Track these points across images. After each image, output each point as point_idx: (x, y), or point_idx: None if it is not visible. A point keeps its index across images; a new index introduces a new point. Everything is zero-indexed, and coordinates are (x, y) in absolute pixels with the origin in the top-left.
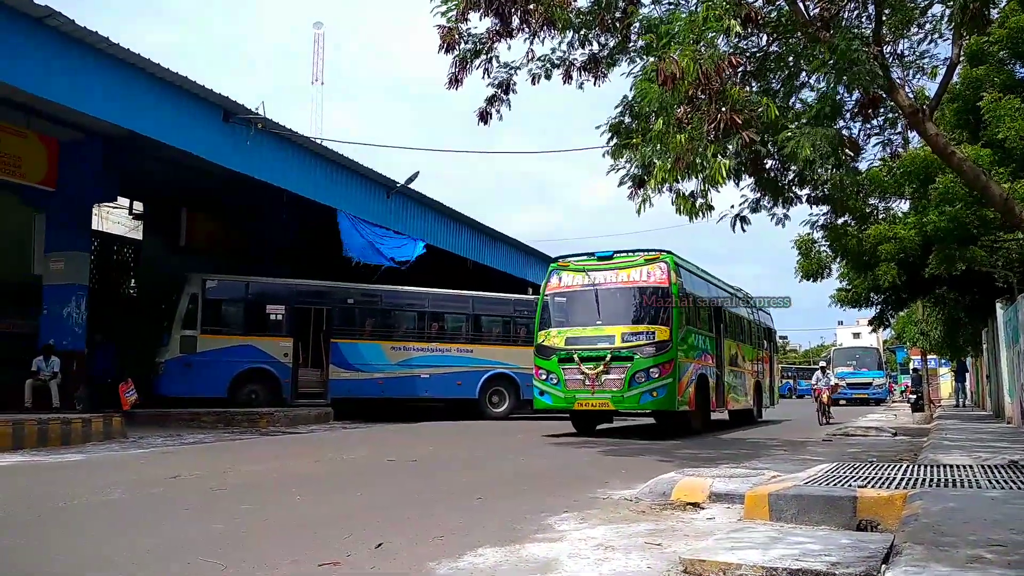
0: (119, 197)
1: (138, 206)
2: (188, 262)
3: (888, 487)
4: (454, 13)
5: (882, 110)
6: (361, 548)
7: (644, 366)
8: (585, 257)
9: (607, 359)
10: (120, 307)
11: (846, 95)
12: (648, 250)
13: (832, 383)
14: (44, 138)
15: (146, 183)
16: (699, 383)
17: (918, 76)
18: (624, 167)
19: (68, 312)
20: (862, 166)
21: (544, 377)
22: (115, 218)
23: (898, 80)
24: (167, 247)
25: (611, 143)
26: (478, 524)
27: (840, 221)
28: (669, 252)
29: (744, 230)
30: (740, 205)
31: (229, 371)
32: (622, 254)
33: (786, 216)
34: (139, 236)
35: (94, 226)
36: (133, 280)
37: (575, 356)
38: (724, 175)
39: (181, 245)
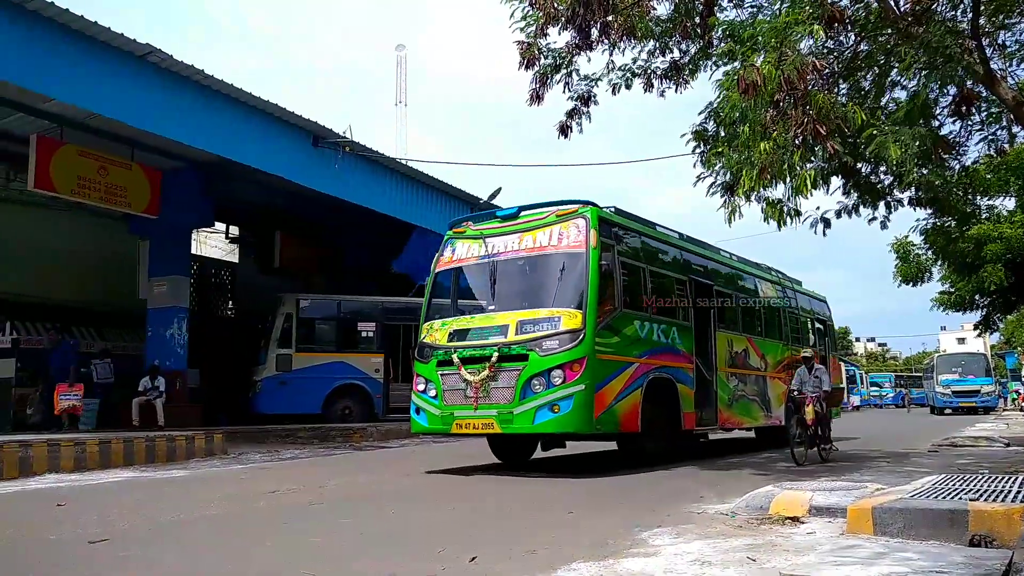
0: (215, 222)
1: (233, 230)
2: (282, 283)
3: (1003, 500)
4: (533, 28)
5: (983, 105)
6: (454, 561)
7: (542, 368)
8: (486, 218)
9: (493, 359)
10: (219, 327)
11: (939, 92)
12: (564, 202)
13: (827, 388)
14: (147, 169)
15: (240, 208)
16: (652, 392)
17: (1022, 66)
18: (712, 176)
19: (171, 334)
20: (966, 164)
21: (421, 388)
22: (212, 242)
23: (999, 72)
24: (261, 268)
25: (697, 150)
26: (571, 538)
27: (941, 222)
28: (591, 204)
29: (825, 234)
30: (831, 210)
31: (323, 388)
32: (530, 210)
33: (887, 218)
34: (235, 259)
35: (193, 250)
36: (231, 301)
37: (454, 357)
38: (810, 185)
39: (275, 266)
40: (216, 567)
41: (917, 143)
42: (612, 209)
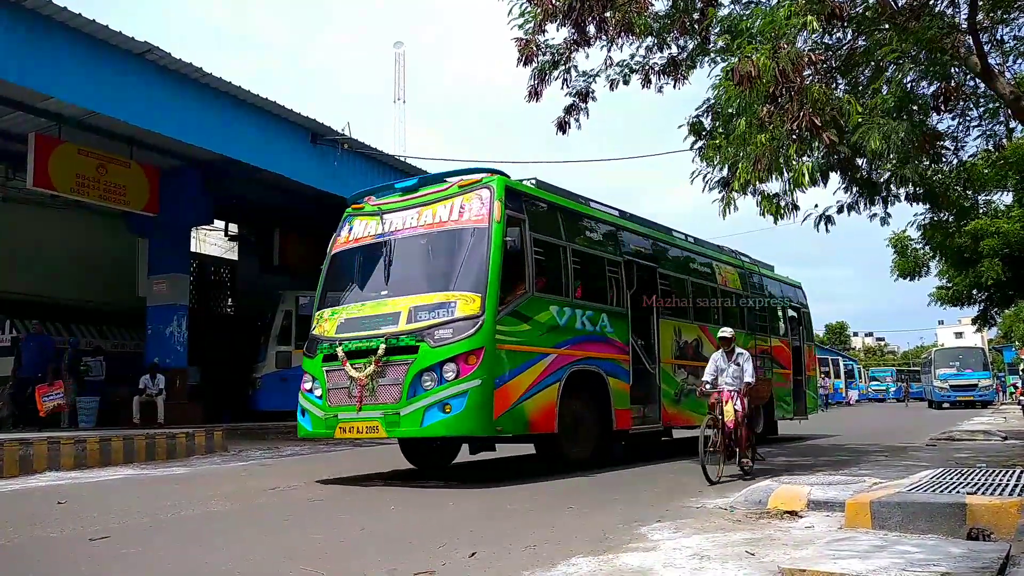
0: (215, 220)
1: (233, 228)
2: (281, 280)
3: (1001, 494)
4: (531, 25)
5: (982, 101)
6: (455, 557)
7: (433, 361)
8: (386, 192)
9: (380, 352)
10: (219, 325)
11: (928, 86)
12: (469, 171)
13: (750, 379)
14: (146, 167)
15: (240, 205)
16: (575, 387)
17: (1020, 62)
18: (709, 171)
19: (171, 331)
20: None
21: (308, 387)
22: (212, 240)
23: (997, 67)
24: (261, 266)
25: (695, 145)
26: (571, 534)
27: (938, 217)
28: (498, 172)
29: (828, 230)
30: (832, 206)
31: None
32: (432, 182)
33: (888, 215)
34: (234, 256)
35: (192, 248)
36: (230, 299)
37: (339, 351)
38: (808, 179)
39: (275, 264)
40: (217, 564)
41: (902, 135)
42: (533, 182)
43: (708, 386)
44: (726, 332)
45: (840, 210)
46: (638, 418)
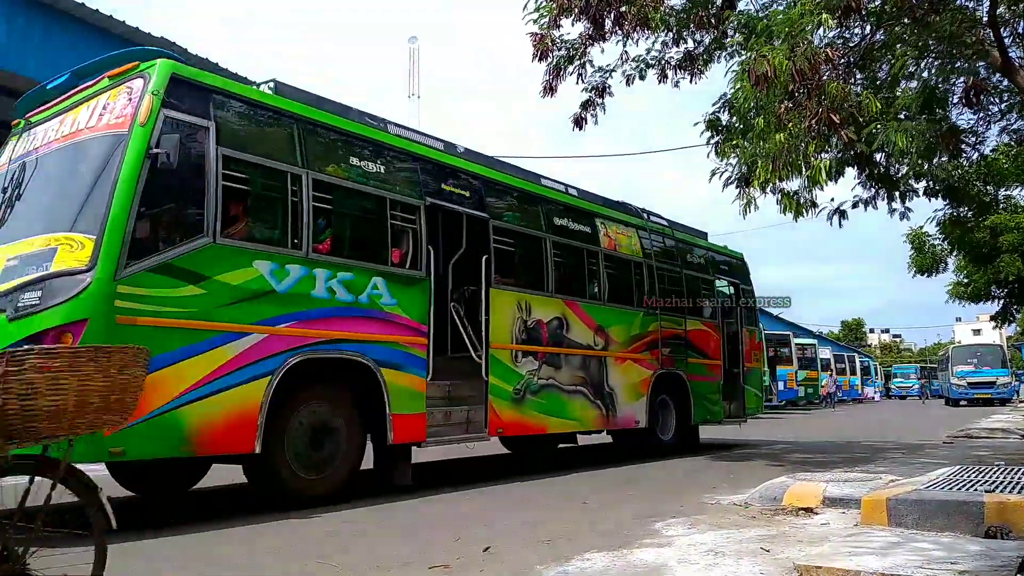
0: None
1: None
2: None
3: (1019, 492)
4: (546, 20)
5: (1005, 96)
6: (470, 551)
7: (9, 341)
8: (44, 96)
9: None
10: None
11: (951, 82)
12: (124, 56)
13: None
14: None
15: None
16: (310, 383)
17: None
18: (727, 169)
19: None
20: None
21: None
22: None
23: (1017, 61)
24: None
25: (712, 141)
26: (585, 529)
27: (957, 213)
28: (165, 54)
29: (841, 225)
30: (847, 201)
31: None
32: (86, 76)
33: (908, 210)
34: None
35: None
36: None
37: None
38: (825, 175)
39: None
40: (225, 555)
41: (925, 132)
42: (271, 85)
43: None
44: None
45: (856, 205)
46: (441, 426)
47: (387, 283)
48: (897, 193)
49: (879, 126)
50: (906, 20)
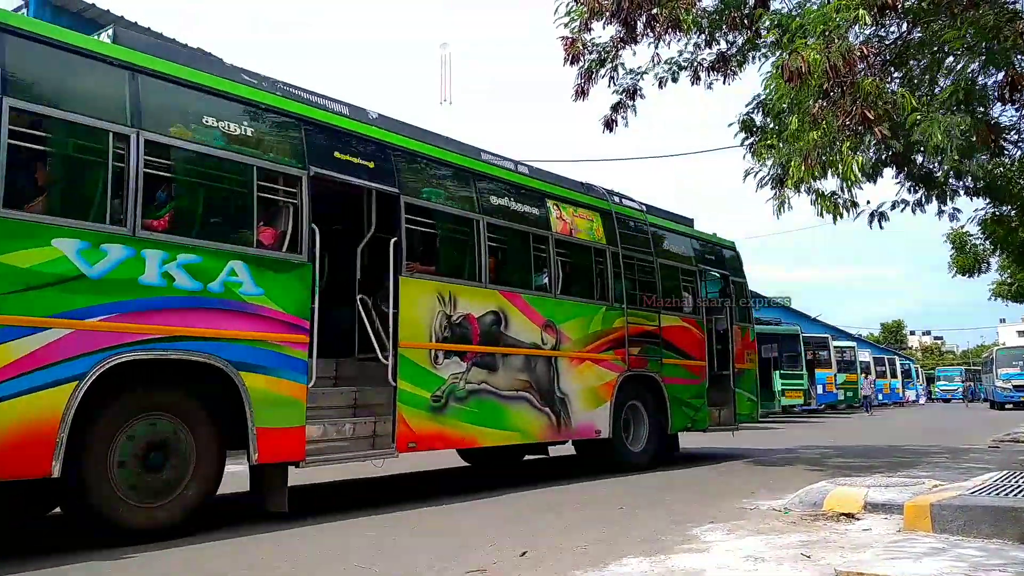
0: None
1: None
2: None
3: None
4: (577, 23)
5: None
6: (506, 556)
7: None
8: None
9: None
10: None
11: (988, 76)
12: None
13: None
14: None
15: None
16: (140, 390)
17: None
18: (761, 169)
19: None
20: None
21: None
22: None
23: None
24: None
25: (745, 142)
26: (621, 534)
27: (1000, 212)
28: None
29: (882, 227)
30: (887, 202)
31: None
32: None
33: (957, 210)
34: None
35: None
36: None
37: None
38: (857, 172)
39: None
40: (265, 560)
41: (964, 128)
42: (112, 32)
43: None
44: None
45: (897, 206)
46: (333, 441)
47: (250, 268)
48: (936, 193)
49: (918, 118)
50: (943, 16)
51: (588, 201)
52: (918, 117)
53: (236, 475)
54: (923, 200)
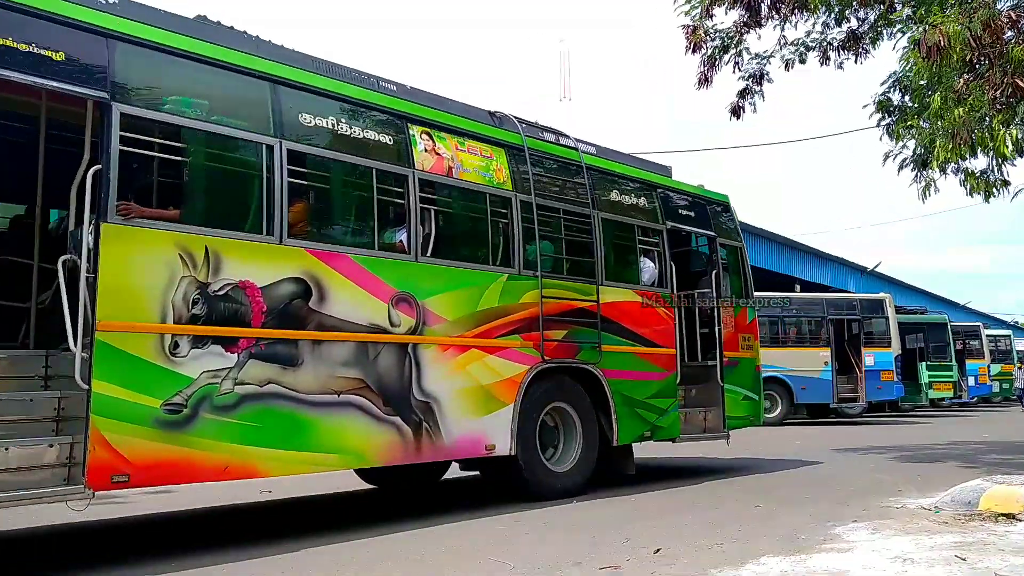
0: None
1: None
2: None
3: None
4: (698, 11)
5: None
6: (640, 553)
7: None
8: None
9: None
10: None
11: None
12: None
13: None
14: None
15: None
16: None
17: None
18: (901, 152)
19: None
20: None
21: None
22: None
23: None
24: None
25: (883, 123)
26: (760, 532)
27: None
28: None
29: None
30: None
31: None
32: None
33: None
34: None
35: None
36: None
37: None
38: (1011, 145)
39: None
40: (400, 550)
41: None
42: None
43: None
44: None
45: None
46: None
47: None
48: None
49: None
50: None
51: (486, 132)
52: None
53: None
54: None
